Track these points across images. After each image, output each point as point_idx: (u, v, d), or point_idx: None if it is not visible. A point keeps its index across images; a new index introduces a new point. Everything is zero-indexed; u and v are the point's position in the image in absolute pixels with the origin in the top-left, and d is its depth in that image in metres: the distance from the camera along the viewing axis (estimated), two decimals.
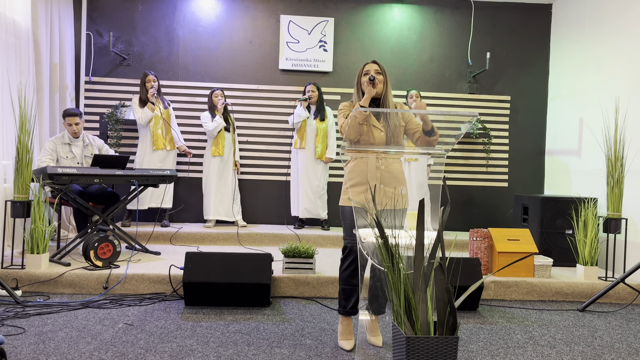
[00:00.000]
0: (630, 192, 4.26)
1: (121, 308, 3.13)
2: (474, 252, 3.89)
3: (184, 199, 5.48)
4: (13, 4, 4.09)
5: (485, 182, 5.73)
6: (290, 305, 3.35)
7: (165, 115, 5.01)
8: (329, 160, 5.14)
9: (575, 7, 5.25)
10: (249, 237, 4.84)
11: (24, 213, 3.52)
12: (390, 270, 2.06)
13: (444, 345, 1.94)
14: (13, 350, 2.38)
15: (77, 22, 5.36)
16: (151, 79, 4.93)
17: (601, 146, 4.72)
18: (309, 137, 5.08)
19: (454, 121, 2.39)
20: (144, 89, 4.93)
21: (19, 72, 4.16)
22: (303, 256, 3.60)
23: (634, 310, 3.52)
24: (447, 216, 2.36)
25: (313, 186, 5.10)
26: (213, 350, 2.47)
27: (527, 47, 5.75)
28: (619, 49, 4.51)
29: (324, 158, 5.11)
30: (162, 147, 4.98)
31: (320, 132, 5.07)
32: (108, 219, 3.99)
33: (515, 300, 3.69)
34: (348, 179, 2.56)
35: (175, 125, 5.19)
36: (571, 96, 5.27)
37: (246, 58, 5.57)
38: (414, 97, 5.01)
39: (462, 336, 2.83)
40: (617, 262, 4.34)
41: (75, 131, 4.23)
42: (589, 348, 2.70)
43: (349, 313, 2.58)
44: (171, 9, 5.50)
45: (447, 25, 5.70)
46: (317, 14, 5.60)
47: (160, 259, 4.04)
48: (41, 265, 3.51)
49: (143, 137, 5.01)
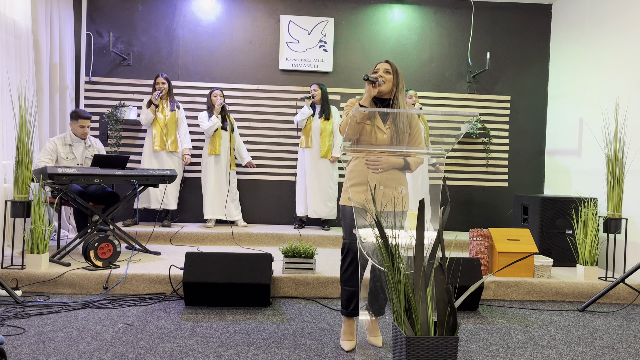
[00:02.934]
0: (630, 192, 4.26)
1: (121, 308, 3.13)
2: (474, 252, 3.89)
3: (184, 199, 5.48)
4: (13, 4, 4.09)
5: (485, 182, 5.73)
6: (290, 306, 3.35)
7: (171, 118, 5.00)
8: (335, 159, 5.15)
9: (575, 7, 5.25)
10: (248, 237, 4.84)
11: (24, 213, 3.52)
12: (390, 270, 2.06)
13: (444, 345, 1.94)
14: (13, 351, 2.38)
15: (77, 22, 5.36)
16: (160, 80, 4.95)
17: (601, 146, 4.72)
18: (314, 136, 5.10)
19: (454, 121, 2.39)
20: (153, 89, 4.99)
21: (19, 72, 4.16)
22: (303, 256, 3.60)
23: (634, 311, 3.52)
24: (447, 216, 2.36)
25: (322, 186, 5.11)
26: (213, 351, 2.47)
27: (527, 47, 5.75)
28: (619, 49, 4.51)
29: (329, 157, 5.12)
30: (163, 148, 4.98)
31: (325, 131, 5.09)
32: (108, 219, 3.99)
33: (515, 300, 3.69)
34: (348, 178, 2.56)
35: (183, 129, 5.14)
36: (571, 96, 5.27)
37: (246, 58, 5.57)
38: (413, 97, 5.01)
39: (462, 336, 2.83)
40: (617, 262, 4.34)
41: (85, 133, 4.31)
42: (589, 348, 2.70)
43: (350, 314, 2.58)
44: (171, 9, 5.50)
45: (447, 25, 5.70)
46: (317, 14, 5.60)
47: (160, 259, 4.04)
48: (41, 266, 3.51)
49: (147, 138, 5.05)
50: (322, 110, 5.11)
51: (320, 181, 5.12)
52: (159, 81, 4.95)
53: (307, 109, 5.03)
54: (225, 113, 5.14)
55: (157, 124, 4.95)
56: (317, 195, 5.10)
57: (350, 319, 2.62)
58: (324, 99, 5.11)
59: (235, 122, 5.31)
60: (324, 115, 5.09)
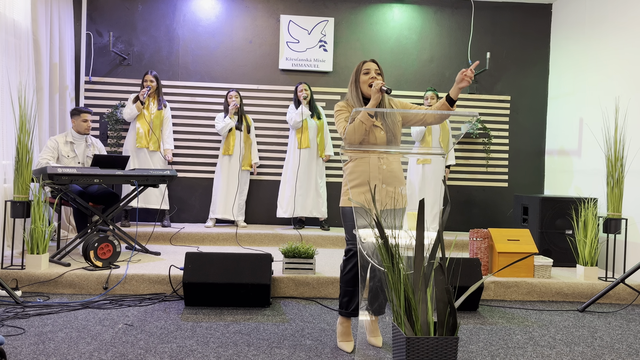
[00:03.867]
0: (630, 192, 4.26)
1: (121, 308, 3.13)
2: (474, 253, 3.89)
3: (184, 199, 5.48)
4: (13, 4, 4.08)
5: (485, 182, 5.73)
6: (290, 306, 3.35)
7: (157, 116, 5.00)
8: (328, 157, 5.19)
9: (575, 7, 5.25)
10: (248, 237, 4.84)
11: (24, 213, 3.52)
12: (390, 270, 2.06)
13: (444, 345, 1.94)
14: (13, 351, 2.38)
15: (77, 22, 5.36)
16: (148, 78, 4.94)
17: (601, 146, 4.72)
18: (310, 136, 5.10)
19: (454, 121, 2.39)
20: (141, 86, 4.99)
21: (19, 72, 4.16)
22: (303, 256, 3.60)
23: (634, 311, 3.52)
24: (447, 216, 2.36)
25: (318, 185, 5.15)
26: (213, 351, 2.47)
27: (527, 47, 5.75)
28: (619, 49, 4.51)
29: (323, 156, 5.16)
30: (146, 146, 4.97)
31: (320, 131, 5.12)
32: (108, 219, 3.99)
33: (515, 300, 3.69)
34: (349, 179, 2.54)
35: (168, 128, 5.12)
36: (571, 96, 5.27)
37: (246, 58, 5.57)
38: (429, 99, 4.99)
39: (462, 337, 2.83)
40: (617, 262, 4.34)
41: (89, 127, 4.33)
42: (589, 348, 2.70)
43: (350, 314, 2.58)
44: (171, 9, 5.50)
45: (447, 25, 5.70)
46: (317, 14, 5.59)
47: (160, 259, 4.04)
48: (41, 266, 3.51)
49: (130, 134, 5.02)
50: (313, 110, 5.12)
51: (315, 181, 5.15)
52: (148, 78, 4.94)
53: (305, 109, 5.03)
54: (242, 113, 5.16)
55: (143, 121, 4.95)
56: (312, 194, 5.12)
57: (348, 319, 2.62)
58: (312, 98, 5.14)
59: (252, 122, 5.31)
60: (315, 115, 5.12)
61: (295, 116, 5.03)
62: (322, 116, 5.20)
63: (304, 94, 5.03)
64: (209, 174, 5.50)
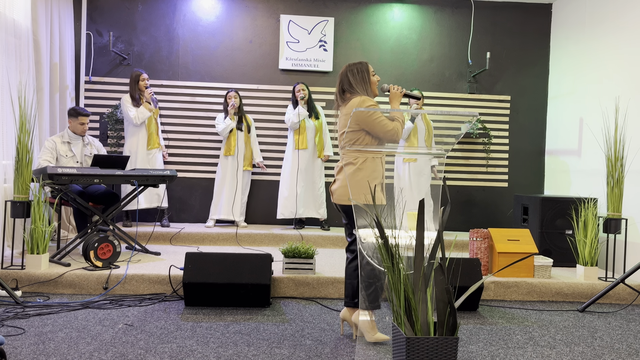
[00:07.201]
0: (630, 192, 4.26)
1: (121, 308, 3.13)
2: (474, 253, 3.89)
3: (184, 199, 5.48)
4: (13, 4, 4.08)
5: (485, 182, 5.73)
6: (290, 306, 3.35)
7: (156, 114, 5.02)
8: (327, 157, 5.18)
9: (575, 7, 5.25)
10: (248, 237, 4.84)
11: (24, 213, 3.52)
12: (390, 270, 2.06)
13: (444, 345, 1.94)
14: (13, 351, 2.38)
15: (77, 22, 5.36)
16: (145, 77, 4.92)
17: (601, 146, 4.72)
18: (309, 136, 5.10)
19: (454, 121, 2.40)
20: (136, 87, 4.85)
21: (19, 72, 4.16)
22: (303, 256, 3.60)
23: (634, 311, 3.52)
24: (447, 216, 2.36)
25: (316, 185, 5.15)
26: (213, 351, 2.47)
27: (527, 47, 5.75)
28: (619, 49, 4.51)
29: (322, 156, 5.14)
30: (158, 147, 4.98)
31: (318, 131, 5.10)
32: (108, 219, 3.99)
33: (515, 300, 3.69)
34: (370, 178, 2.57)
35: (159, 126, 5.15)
36: (571, 96, 5.27)
37: (246, 58, 5.57)
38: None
39: (462, 337, 2.83)
40: (617, 262, 4.34)
41: (85, 130, 4.32)
42: (589, 349, 2.70)
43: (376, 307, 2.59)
44: (171, 9, 5.50)
45: (447, 25, 5.70)
46: (317, 14, 5.59)
47: (160, 259, 4.04)
48: (41, 266, 3.51)
49: (135, 136, 4.92)
50: (311, 110, 5.11)
51: (315, 181, 5.14)
52: (145, 78, 4.90)
53: (302, 110, 5.01)
54: (242, 113, 5.15)
55: (150, 122, 4.94)
56: (312, 195, 5.12)
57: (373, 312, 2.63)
58: (310, 98, 5.12)
59: (253, 122, 5.30)
60: (313, 115, 5.11)
61: (293, 117, 5.01)
62: (320, 116, 5.18)
63: (302, 94, 5.01)
64: (209, 174, 5.50)
